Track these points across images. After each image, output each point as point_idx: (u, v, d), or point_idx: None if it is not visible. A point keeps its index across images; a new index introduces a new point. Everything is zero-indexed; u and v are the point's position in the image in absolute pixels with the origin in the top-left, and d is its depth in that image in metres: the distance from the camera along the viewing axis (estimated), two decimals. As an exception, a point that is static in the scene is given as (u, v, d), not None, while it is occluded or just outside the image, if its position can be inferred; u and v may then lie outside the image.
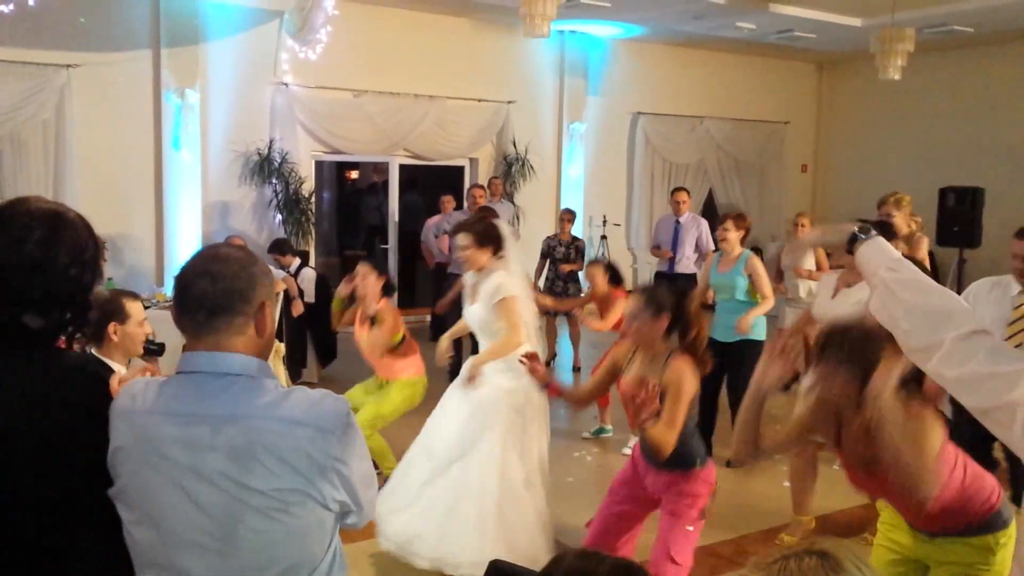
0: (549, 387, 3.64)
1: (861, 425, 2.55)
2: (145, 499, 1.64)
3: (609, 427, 6.49)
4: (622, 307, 5.73)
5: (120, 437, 1.66)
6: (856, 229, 1.86)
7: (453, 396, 4.29)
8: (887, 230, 5.05)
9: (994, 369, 1.57)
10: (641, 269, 12.43)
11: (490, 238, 4.19)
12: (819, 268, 6.83)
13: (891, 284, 1.74)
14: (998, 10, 9.78)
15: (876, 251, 1.81)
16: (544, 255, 8.73)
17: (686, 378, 3.25)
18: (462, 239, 4.18)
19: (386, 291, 5.14)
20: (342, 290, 5.27)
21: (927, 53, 10.81)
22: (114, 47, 8.75)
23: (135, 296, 3.27)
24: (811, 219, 7.24)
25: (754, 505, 5.12)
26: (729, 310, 5.61)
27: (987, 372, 1.58)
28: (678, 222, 8.74)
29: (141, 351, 3.17)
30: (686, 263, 8.67)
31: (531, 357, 3.54)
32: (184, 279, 1.67)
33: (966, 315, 1.67)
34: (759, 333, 5.56)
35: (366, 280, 5.05)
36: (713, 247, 9.64)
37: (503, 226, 4.34)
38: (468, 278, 4.38)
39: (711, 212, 13.50)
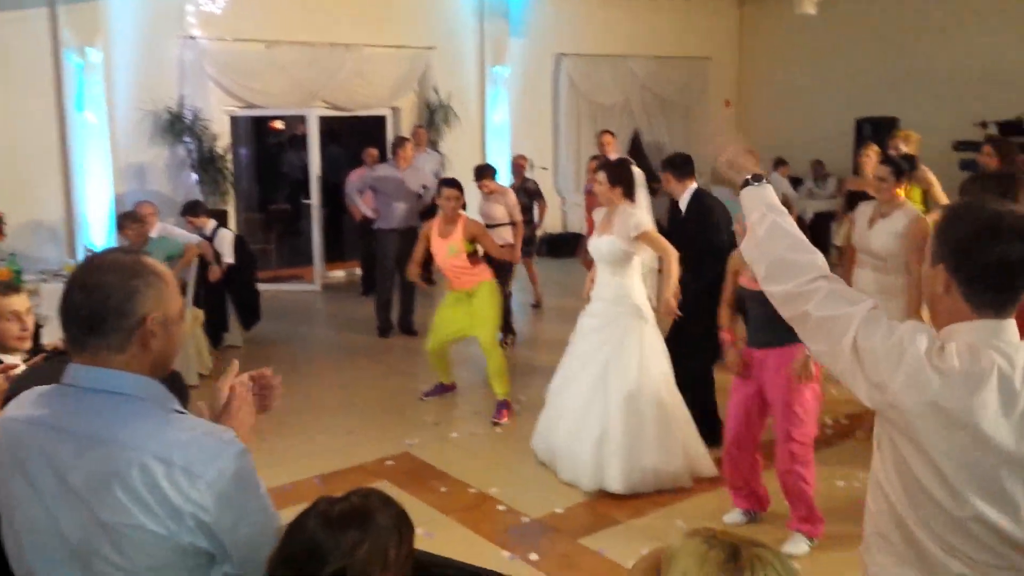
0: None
1: None
2: (12, 511, 1.57)
3: None
4: None
5: None
6: (750, 176, 1.99)
7: (590, 326, 4.81)
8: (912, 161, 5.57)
9: (829, 312, 1.69)
10: (570, 212, 12.42)
11: (621, 179, 4.73)
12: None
13: (757, 228, 1.88)
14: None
15: (757, 197, 1.95)
16: None
17: None
18: (600, 176, 4.74)
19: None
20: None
21: (842, -15, 10.87)
22: (5, 5, 8.27)
23: (10, 289, 3.10)
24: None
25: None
26: None
27: (821, 316, 1.70)
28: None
29: (23, 346, 3.03)
30: None
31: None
32: (65, 290, 1.57)
33: (813, 263, 1.79)
34: None
35: (456, 199, 5.78)
36: None
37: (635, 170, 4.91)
38: (596, 214, 4.95)
39: (637, 152, 13.54)
